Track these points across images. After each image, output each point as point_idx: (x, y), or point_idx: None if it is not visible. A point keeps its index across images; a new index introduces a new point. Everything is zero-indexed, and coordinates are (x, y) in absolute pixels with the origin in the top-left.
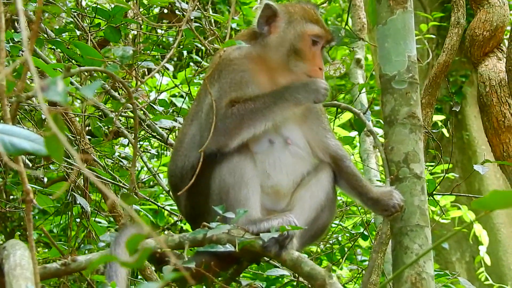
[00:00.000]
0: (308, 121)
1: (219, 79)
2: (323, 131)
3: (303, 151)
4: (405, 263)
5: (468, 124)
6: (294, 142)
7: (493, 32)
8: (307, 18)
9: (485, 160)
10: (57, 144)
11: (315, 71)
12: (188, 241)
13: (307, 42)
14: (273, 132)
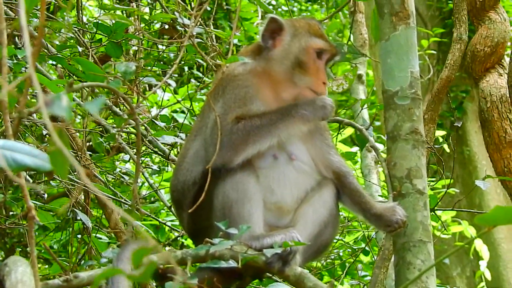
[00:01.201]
0: (312, 138)
1: (223, 95)
2: (327, 148)
3: (307, 167)
4: (408, 279)
5: (469, 140)
6: (298, 158)
7: (494, 48)
8: (311, 32)
9: (486, 176)
10: (62, 160)
11: (318, 85)
12: (191, 257)
13: (311, 56)
14: (277, 147)
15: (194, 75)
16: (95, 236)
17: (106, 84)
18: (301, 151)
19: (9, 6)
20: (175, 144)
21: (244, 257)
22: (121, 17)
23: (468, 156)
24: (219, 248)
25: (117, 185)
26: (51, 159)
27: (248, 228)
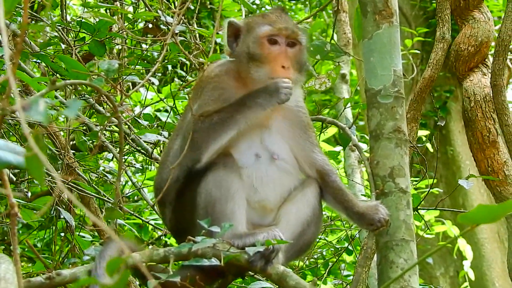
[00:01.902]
0: (295, 136)
1: (200, 96)
2: (310, 146)
3: (290, 166)
4: (391, 278)
5: (452, 139)
6: (281, 157)
7: (478, 47)
8: (261, 22)
9: (469, 175)
10: (38, 164)
11: (276, 70)
12: (173, 255)
13: (263, 45)
14: (259, 146)
15: (177, 74)
16: (78, 235)
17: (89, 82)
18: (284, 150)
19: None
20: (158, 142)
21: (227, 255)
22: (105, 15)
23: (452, 155)
24: (201, 246)
25: (101, 184)
26: (27, 163)
27: (230, 226)
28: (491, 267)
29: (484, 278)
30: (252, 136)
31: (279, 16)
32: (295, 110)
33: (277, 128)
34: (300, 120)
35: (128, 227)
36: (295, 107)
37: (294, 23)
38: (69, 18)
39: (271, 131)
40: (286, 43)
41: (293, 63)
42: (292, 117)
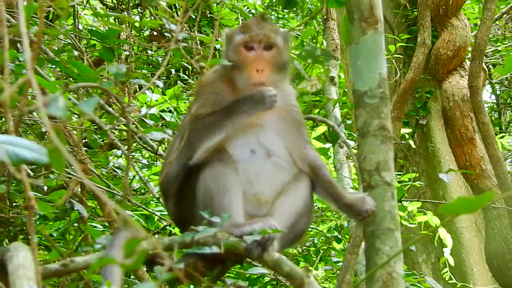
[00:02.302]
0: (289, 133)
1: (197, 100)
2: (303, 142)
3: (284, 162)
4: (377, 264)
5: (433, 137)
6: (275, 153)
7: (456, 52)
8: (238, 31)
9: (449, 169)
10: (59, 156)
11: (251, 75)
12: (177, 244)
13: (240, 52)
14: (255, 143)
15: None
16: (90, 225)
17: (100, 85)
18: (279, 146)
19: (10, 14)
20: (163, 140)
21: (226, 243)
22: (113, 24)
23: (432, 151)
24: (203, 235)
25: (110, 178)
26: (49, 155)
27: (229, 217)
28: (469, 254)
29: (463, 264)
30: (248, 134)
31: (255, 23)
32: (288, 108)
33: (272, 126)
34: (293, 118)
35: (136, 218)
36: (288, 106)
37: (271, 28)
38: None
39: (266, 129)
40: (262, 47)
41: (270, 66)
42: (285, 115)
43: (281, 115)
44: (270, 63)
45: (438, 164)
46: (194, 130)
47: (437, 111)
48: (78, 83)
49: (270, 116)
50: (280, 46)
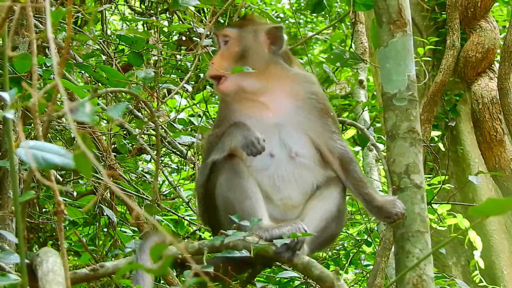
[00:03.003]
0: (312, 123)
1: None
2: (328, 133)
3: (310, 161)
4: (407, 266)
5: (462, 139)
6: (299, 153)
7: (485, 54)
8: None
9: (478, 172)
10: (86, 162)
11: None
12: (207, 248)
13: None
14: (275, 144)
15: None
16: (120, 230)
17: (129, 90)
18: (303, 143)
19: (39, 20)
20: (192, 144)
21: (256, 247)
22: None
23: (462, 154)
24: (233, 239)
25: (140, 183)
26: (75, 161)
27: (259, 220)
28: (499, 256)
29: (493, 266)
30: (267, 136)
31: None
32: (306, 98)
33: (292, 120)
34: (313, 107)
35: (165, 222)
36: (306, 95)
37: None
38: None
39: (285, 126)
40: (223, 43)
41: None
42: (304, 106)
43: (299, 106)
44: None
45: (468, 166)
46: (206, 143)
47: (466, 114)
48: (107, 88)
49: (285, 108)
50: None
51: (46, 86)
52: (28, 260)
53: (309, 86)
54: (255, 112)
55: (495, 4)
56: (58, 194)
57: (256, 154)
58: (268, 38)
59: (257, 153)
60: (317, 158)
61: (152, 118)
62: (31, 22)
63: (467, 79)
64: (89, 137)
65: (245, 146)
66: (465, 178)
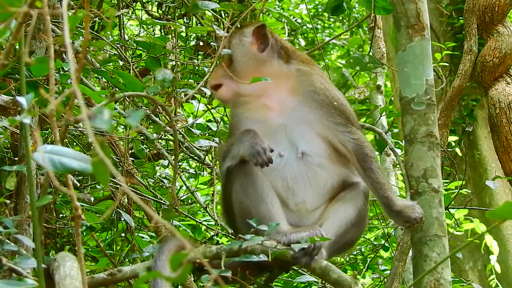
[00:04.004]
0: (320, 118)
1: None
2: (336, 125)
3: (322, 158)
4: (425, 270)
5: (479, 144)
6: (308, 153)
7: (502, 59)
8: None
9: (495, 176)
10: (104, 169)
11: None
12: (225, 252)
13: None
14: (284, 144)
15: None
16: (137, 235)
17: (146, 94)
18: (311, 142)
19: (56, 24)
20: (209, 149)
21: (274, 251)
22: (157, 39)
23: (479, 159)
24: (251, 244)
25: (158, 188)
26: (93, 168)
27: (277, 225)
28: None
29: (509, 271)
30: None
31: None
32: (305, 92)
33: (296, 117)
34: (313, 100)
35: (183, 227)
36: (304, 89)
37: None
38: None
39: (291, 125)
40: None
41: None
42: (305, 101)
43: (300, 101)
44: (220, 63)
45: (485, 171)
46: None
47: (483, 119)
48: (125, 93)
49: (288, 106)
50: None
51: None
52: (45, 264)
53: (305, 80)
54: (259, 115)
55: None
56: (76, 199)
57: (262, 165)
58: (255, 38)
59: (263, 163)
60: (330, 155)
61: (170, 123)
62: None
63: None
64: (107, 143)
65: (252, 156)
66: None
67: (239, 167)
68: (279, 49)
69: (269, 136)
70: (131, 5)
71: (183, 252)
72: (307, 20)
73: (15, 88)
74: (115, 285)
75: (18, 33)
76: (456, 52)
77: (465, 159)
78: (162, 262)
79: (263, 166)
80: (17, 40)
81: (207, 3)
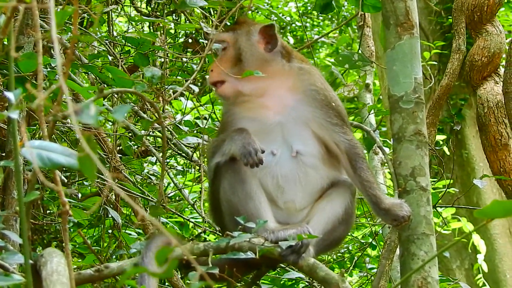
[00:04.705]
0: (315, 117)
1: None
2: (331, 125)
3: (315, 159)
4: (412, 269)
5: (467, 143)
6: (302, 152)
7: (491, 58)
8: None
9: (483, 175)
10: (90, 164)
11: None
12: (212, 249)
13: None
14: (278, 142)
15: None
16: (124, 232)
17: (134, 90)
18: (306, 142)
19: (44, 20)
20: (197, 146)
21: (261, 249)
22: (147, 35)
23: (467, 158)
24: (238, 241)
25: (145, 185)
26: (80, 163)
27: (265, 222)
28: (503, 260)
29: (496, 270)
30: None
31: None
32: (306, 91)
33: (294, 116)
34: (314, 99)
35: (171, 224)
36: (305, 88)
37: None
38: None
39: (287, 123)
40: (221, 49)
41: (226, 62)
42: (305, 99)
43: (299, 100)
44: (226, 60)
45: (472, 170)
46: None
47: (471, 118)
48: (113, 89)
49: (287, 105)
50: (229, 40)
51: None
52: (32, 260)
53: (307, 79)
54: (256, 114)
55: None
56: (63, 195)
57: (252, 166)
58: (262, 37)
59: (254, 164)
60: (323, 156)
61: (158, 120)
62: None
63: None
64: (93, 138)
65: (243, 156)
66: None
67: (228, 164)
68: (281, 48)
69: (264, 134)
70: (120, 1)
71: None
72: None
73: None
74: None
75: (6, 28)
76: (445, 51)
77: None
78: (149, 259)
79: (253, 167)
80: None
81: (196, 1)
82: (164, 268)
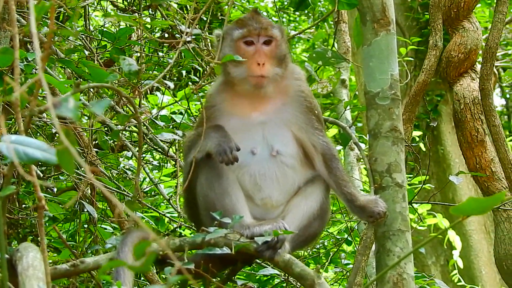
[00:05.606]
0: (297, 120)
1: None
2: (311, 129)
3: (293, 159)
4: (388, 265)
5: (443, 139)
6: (282, 152)
7: (467, 54)
8: (235, 27)
9: (459, 172)
10: (69, 157)
11: (252, 68)
12: (188, 244)
13: (239, 47)
14: (258, 142)
15: (191, 80)
16: (100, 226)
17: (111, 85)
18: (286, 143)
19: (21, 14)
20: (173, 141)
21: (237, 244)
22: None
23: (443, 154)
24: (214, 236)
25: (121, 180)
26: (58, 156)
27: (241, 217)
28: (478, 256)
29: (471, 266)
30: (251, 134)
31: (251, 18)
32: (294, 95)
33: (278, 117)
34: (300, 104)
35: (146, 219)
36: (295, 93)
37: (267, 22)
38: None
39: (270, 124)
40: (262, 41)
41: (270, 59)
42: (292, 103)
43: (287, 103)
44: (270, 56)
45: (448, 166)
46: (187, 141)
47: (447, 114)
48: (90, 83)
49: (273, 107)
50: (278, 38)
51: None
52: (8, 255)
53: (298, 84)
54: (240, 112)
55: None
56: (39, 189)
57: (227, 163)
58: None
59: (228, 162)
60: (301, 157)
61: (135, 115)
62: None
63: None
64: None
65: (218, 154)
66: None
67: (205, 160)
68: None
69: (245, 133)
70: None
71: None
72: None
73: None
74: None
75: None
76: (421, 47)
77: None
78: (125, 254)
79: (227, 164)
80: None
81: None
82: (142, 262)
